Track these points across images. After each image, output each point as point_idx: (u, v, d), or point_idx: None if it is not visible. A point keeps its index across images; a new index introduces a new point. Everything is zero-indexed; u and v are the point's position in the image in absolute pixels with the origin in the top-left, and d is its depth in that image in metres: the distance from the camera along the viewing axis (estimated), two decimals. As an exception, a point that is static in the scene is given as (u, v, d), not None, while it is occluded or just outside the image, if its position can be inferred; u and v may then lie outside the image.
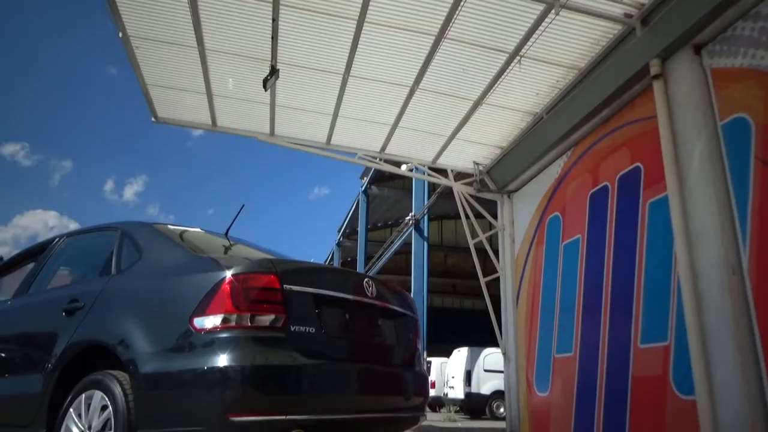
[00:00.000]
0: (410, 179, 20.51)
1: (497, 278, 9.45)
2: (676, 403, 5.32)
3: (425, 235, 20.10)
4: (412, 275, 19.72)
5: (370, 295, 3.13)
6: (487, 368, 15.30)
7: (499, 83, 7.01)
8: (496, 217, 9.65)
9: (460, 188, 9.64)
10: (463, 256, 29.72)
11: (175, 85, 7.52)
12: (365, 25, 6.16)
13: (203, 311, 2.55)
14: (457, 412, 16.68)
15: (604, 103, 6.72)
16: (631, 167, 6.43)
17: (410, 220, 20.15)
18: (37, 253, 4.12)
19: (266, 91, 6.74)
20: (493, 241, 9.76)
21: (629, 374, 6.02)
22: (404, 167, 11.42)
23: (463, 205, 9.70)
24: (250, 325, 2.54)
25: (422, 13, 5.96)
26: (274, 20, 6.01)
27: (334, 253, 32.88)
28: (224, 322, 2.51)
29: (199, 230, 3.75)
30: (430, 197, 19.47)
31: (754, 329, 4.66)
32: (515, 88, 7.16)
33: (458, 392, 15.89)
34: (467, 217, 9.63)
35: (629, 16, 5.89)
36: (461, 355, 16.42)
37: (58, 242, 3.97)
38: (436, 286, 29.88)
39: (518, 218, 9.22)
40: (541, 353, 8.10)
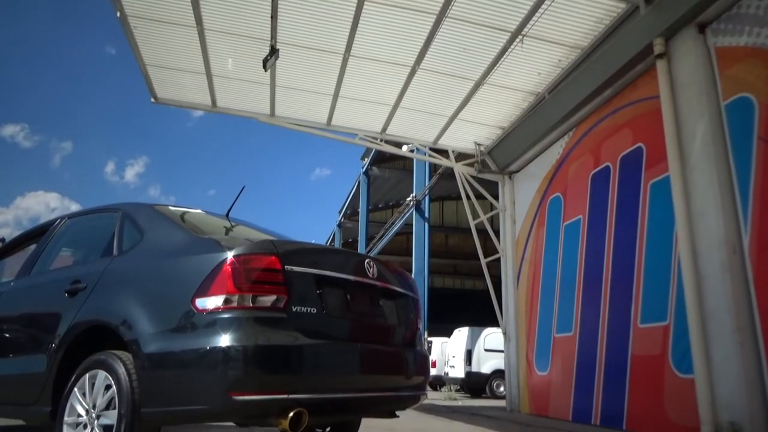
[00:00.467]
0: (411, 160, 20.45)
1: (498, 259, 9.48)
2: (674, 381, 5.37)
3: (426, 215, 20.10)
4: (413, 256, 19.77)
5: (371, 275, 3.14)
6: (487, 348, 15.39)
7: (500, 63, 6.94)
8: (497, 197, 9.65)
9: (461, 169, 9.62)
10: (464, 236, 29.75)
11: (174, 65, 7.46)
12: (366, 3, 6.08)
13: (205, 292, 2.56)
14: (457, 390, 16.83)
15: (606, 82, 6.66)
16: (632, 148, 6.40)
17: (411, 200, 20.13)
18: (38, 234, 4.13)
19: (266, 71, 6.68)
20: (494, 221, 9.77)
21: (628, 353, 6.07)
22: (405, 148, 11.38)
23: (464, 185, 9.68)
24: (251, 305, 2.55)
25: (423, -9, 5.89)
26: (273, -1, 5.93)
27: (335, 234, 32.94)
28: (226, 302, 2.53)
29: (200, 211, 3.75)
30: (431, 178, 19.43)
31: (753, 309, 4.68)
32: (517, 67, 7.09)
33: (459, 371, 16.02)
34: (468, 197, 9.62)
35: (633, -7, 5.82)
36: (462, 334, 16.52)
37: (59, 224, 3.98)
38: (437, 266, 29.97)
39: (519, 199, 9.21)
40: (541, 333, 8.16)
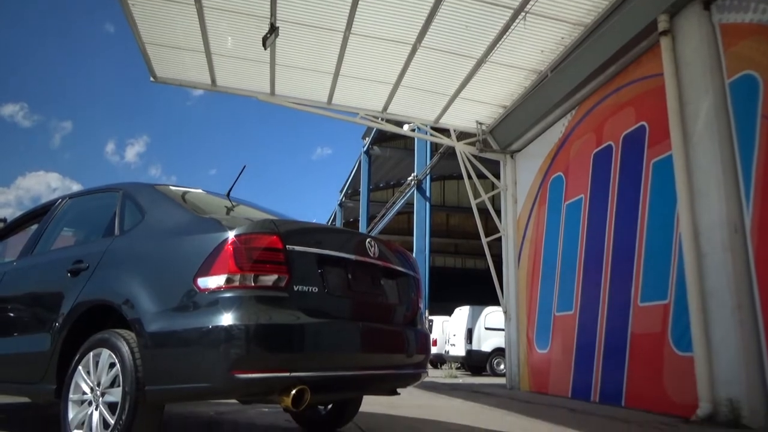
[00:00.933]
0: (412, 139, 20.37)
1: (499, 238, 9.49)
2: (673, 359, 5.41)
3: (427, 195, 20.08)
4: (414, 235, 19.81)
5: (372, 255, 3.14)
6: (488, 326, 15.49)
7: (503, 40, 6.87)
8: (498, 177, 9.62)
9: (462, 148, 9.58)
10: (465, 216, 29.75)
11: (173, 43, 7.38)
12: (366, -20, 6.00)
13: (207, 271, 2.57)
14: (458, 368, 17.00)
15: (610, 60, 6.60)
16: (635, 126, 6.36)
17: (412, 180, 20.10)
18: (40, 214, 4.13)
19: (266, 49, 6.62)
20: (495, 201, 9.76)
21: (628, 332, 6.11)
22: (406, 127, 11.31)
23: (465, 165, 9.65)
24: (253, 285, 2.56)
25: (425, -33, 5.80)
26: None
27: (336, 213, 32.95)
28: (228, 282, 2.53)
29: (200, 191, 3.74)
30: (432, 157, 19.36)
31: (753, 287, 4.69)
32: (520, 45, 7.01)
33: (459, 350, 16.15)
34: (470, 177, 9.60)
35: (638, -31, 5.73)
36: (462, 313, 16.62)
37: (60, 204, 3.97)
38: (438, 246, 30.00)
39: (521, 178, 9.19)
40: (541, 311, 8.20)
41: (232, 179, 3.59)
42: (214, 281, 2.56)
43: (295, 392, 2.48)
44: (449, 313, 18.21)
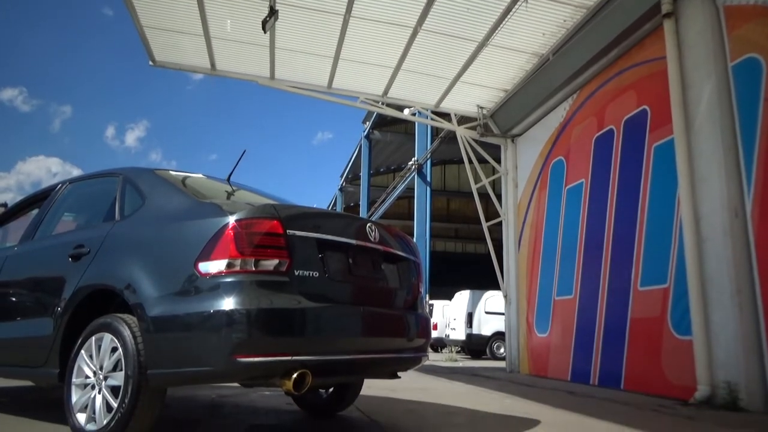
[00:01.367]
0: (413, 124, 20.29)
1: (499, 222, 9.50)
2: (672, 343, 5.44)
3: (428, 179, 20.07)
4: (414, 220, 19.83)
5: (373, 239, 3.15)
6: (488, 310, 15.58)
7: (504, 23, 6.80)
8: (499, 161, 9.60)
9: (463, 132, 9.54)
10: (465, 200, 29.76)
11: (172, 27, 7.32)
12: (366, -39, 5.93)
13: (208, 256, 2.58)
14: (458, 352, 17.13)
15: (612, 43, 6.54)
16: (637, 110, 6.33)
17: (413, 164, 20.06)
18: (40, 199, 4.13)
19: (265, 33, 6.56)
20: (496, 185, 9.75)
21: (628, 316, 6.14)
22: (407, 111, 11.26)
23: (466, 149, 9.63)
24: (254, 269, 2.56)
25: (425, -52, 5.72)
26: (271, -43, 5.78)
27: (336, 198, 32.96)
28: (229, 266, 2.54)
29: (201, 176, 3.74)
30: (433, 142, 19.29)
31: (753, 272, 4.70)
32: (521, 28, 6.95)
33: (460, 333, 16.25)
34: (470, 161, 9.58)
35: (641, -50, 5.65)
36: (463, 297, 16.70)
37: (60, 188, 3.97)
38: (438, 230, 30.02)
39: (522, 162, 9.17)
40: (541, 295, 8.23)
41: (232, 164, 3.58)
42: (215, 266, 2.57)
43: (296, 376, 2.50)
44: (449, 297, 18.29)
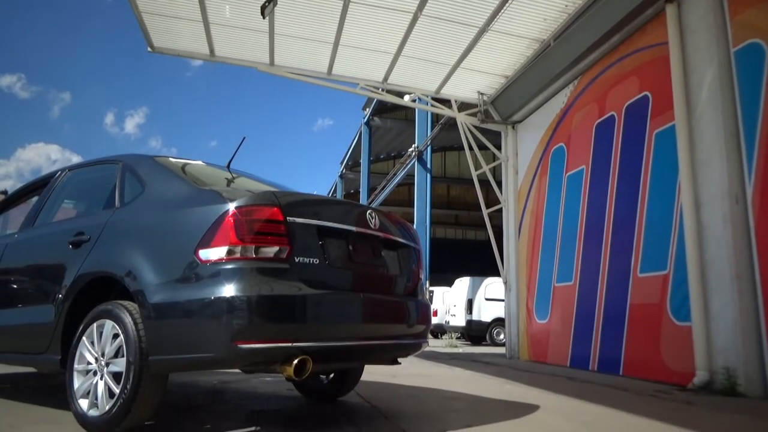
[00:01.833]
0: (413, 110, 20.20)
1: (500, 209, 9.49)
2: (671, 328, 5.46)
3: (428, 166, 20.02)
4: (414, 207, 19.81)
5: (373, 226, 3.15)
6: (488, 297, 15.64)
7: (505, 8, 6.74)
8: (499, 148, 9.57)
9: (463, 119, 9.50)
10: (465, 187, 29.72)
11: (170, 12, 7.25)
12: (366, -55, 5.87)
13: (208, 243, 2.58)
14: (458, 338, 17.20)
15: (614, 28, 6.49)
16: (638, 96, 6.30)
17: (413, 151, 20.00)
18: (40, 187, 4.12)
19: (264, 18, 6.52)
20: (496, 172, 9.73)
21: (627, 302, 6.16)
22: (407, 98, 11.20)
23: (466, 136, 9.59)
24: (254, 256, 2.57)
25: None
26: (270, -59, 5.72)
27: (337, 185, 32.92)
28: (229, 253, 2.54)
29: (200, 163, 3.73)
30: (433, 128, 19.22)
31: (753, 258, 4.71)
32: (522, 13, 6.89)
33: (460, 320, 16.34)
34: (471, 148, 9.55)
35: (644, -67, 5.59)
36: (463, 284, 16.76)
37: (60, 176, 3.96)
38: (438, 217, 30.00)
39: (522, 149, 9.15)
40: (541, 282, 8.25)
41: (232, 151, 3.57)
42: (215, 253, 2.57)
43: (297, 362, 2.51)
44: (450, 284, 18.35)
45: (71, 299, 3.08)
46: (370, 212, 3.21)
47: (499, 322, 14.91)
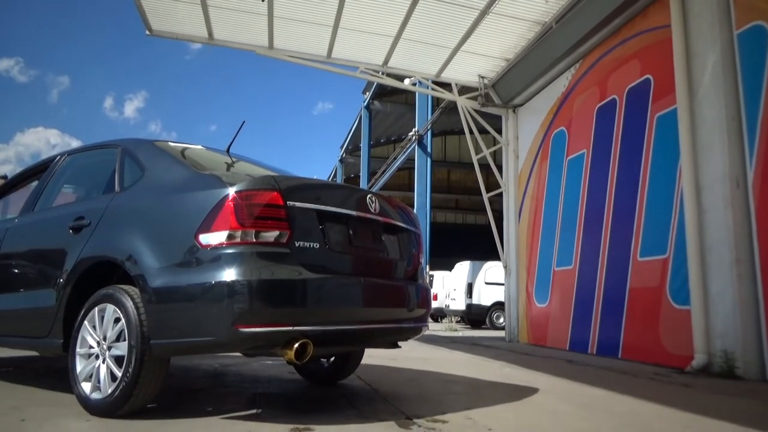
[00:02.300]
0: (413, 94, 20.09)
1: (500, 193, 9.48)
2: (670, 312, 5.49)
3: (428, 150, 19.98)
4: (415, 191, 19.81)
5: (373, 210, 3.15)
6: (488, 281, 15.69)
7: (506, -10, 6.68)
8: (500, 132, 9.54)
9: (464, 103, 9.46)
10: (466, 171, 29.66)
11: (167, -6, 7.19)
12: (366, -74, 5.79)
13: (208, 228, 2.58)
14: (458, 322, 17.31)
15: (616, 11, 6.43)
16: (640, 80, 6.26)
17: (413, 135, 19.95)
18: (39, 171, 4.11)
19: (263, 1, 6.45)
20: (496, 156, 9.70)
21: (627, 286, 6.18)
22: (407, 81, 11.14)
23: (467, 119, 9.55)
24: (254, 240, 2.57)
25: None
26: None
27: (337, 169, 32.86)
28: (229, 238, 2.54)
29: (200, 147, 3.71)
30: (433, 112, 19.14)
31: (753, 242, 4.71)
32: (524, -5, 6.83)
33: (459, 304, 16.41)
34: (471, 132, 9.51)
35: None
36: (463, 268, 16.80)
37: (59, 160, 3.95)
38: (438, 201, 30.00)
39: (523, 133, 9.11)
40: (541, 266, 8.27)
41: (232, 135, 3.56)
42: (215, 237, 2.57)
43: (297, 346, 2.52)
44: (450, 268, 18.40)
45: (72, 284, 3.09)
46: (370, 197, 3.21)
47: (498, 305, 14.96)
